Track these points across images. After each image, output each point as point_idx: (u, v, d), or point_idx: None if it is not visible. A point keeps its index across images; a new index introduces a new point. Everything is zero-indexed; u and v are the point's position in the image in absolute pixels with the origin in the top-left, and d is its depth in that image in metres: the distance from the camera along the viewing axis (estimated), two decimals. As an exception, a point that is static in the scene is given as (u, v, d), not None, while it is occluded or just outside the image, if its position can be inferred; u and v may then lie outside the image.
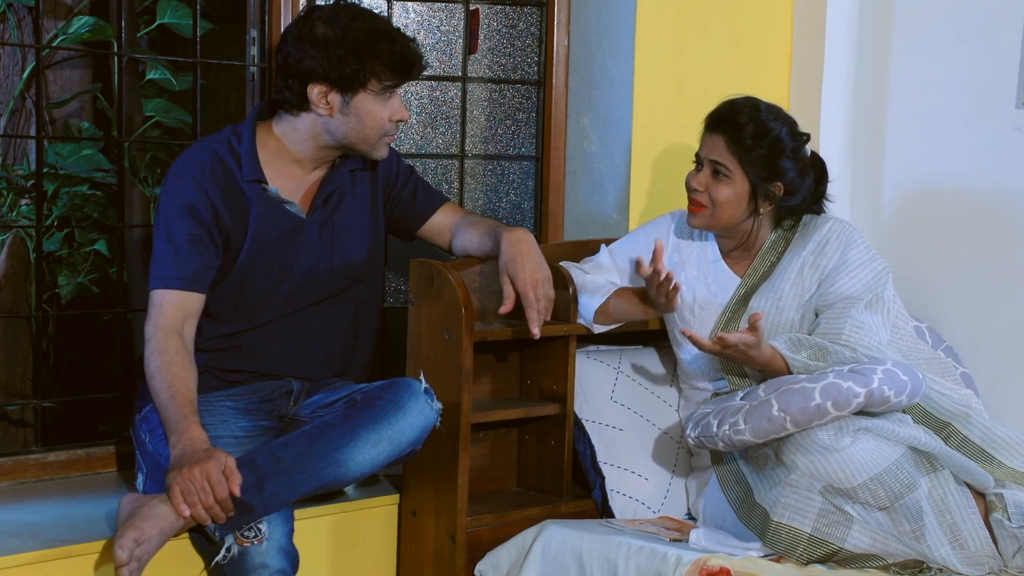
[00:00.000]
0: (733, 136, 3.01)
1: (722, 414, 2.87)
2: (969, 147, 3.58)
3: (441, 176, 3.71)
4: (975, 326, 3.53)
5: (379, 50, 2.89)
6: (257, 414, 2.97)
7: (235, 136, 2.99)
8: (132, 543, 2.52)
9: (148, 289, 2.88)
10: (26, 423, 3.91)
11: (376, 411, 2.81)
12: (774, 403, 2.77)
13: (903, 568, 2.75)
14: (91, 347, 4.14)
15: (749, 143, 3.00)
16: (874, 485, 2.72)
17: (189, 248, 2.87)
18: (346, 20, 2.89)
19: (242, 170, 2.95)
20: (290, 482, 2.70)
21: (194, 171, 2.91)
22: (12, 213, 4.01)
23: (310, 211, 3.01)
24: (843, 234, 3.09)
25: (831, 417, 2.74)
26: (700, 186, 3.05)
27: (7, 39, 3.97)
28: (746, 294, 3.11)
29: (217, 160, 2.94)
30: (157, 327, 2.82)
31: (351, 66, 2.87)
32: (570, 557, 2.92)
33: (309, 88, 2.89)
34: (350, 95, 2.90)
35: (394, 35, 2.93)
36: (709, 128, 3.07)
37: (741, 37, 3.81)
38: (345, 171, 3.06)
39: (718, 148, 3.03)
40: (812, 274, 3.07)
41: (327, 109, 2.91)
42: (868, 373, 2.79)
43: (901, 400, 2.82)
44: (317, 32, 2.88)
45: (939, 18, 3.64)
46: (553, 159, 3.74)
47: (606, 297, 3.11)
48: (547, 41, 3.72)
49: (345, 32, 2.88)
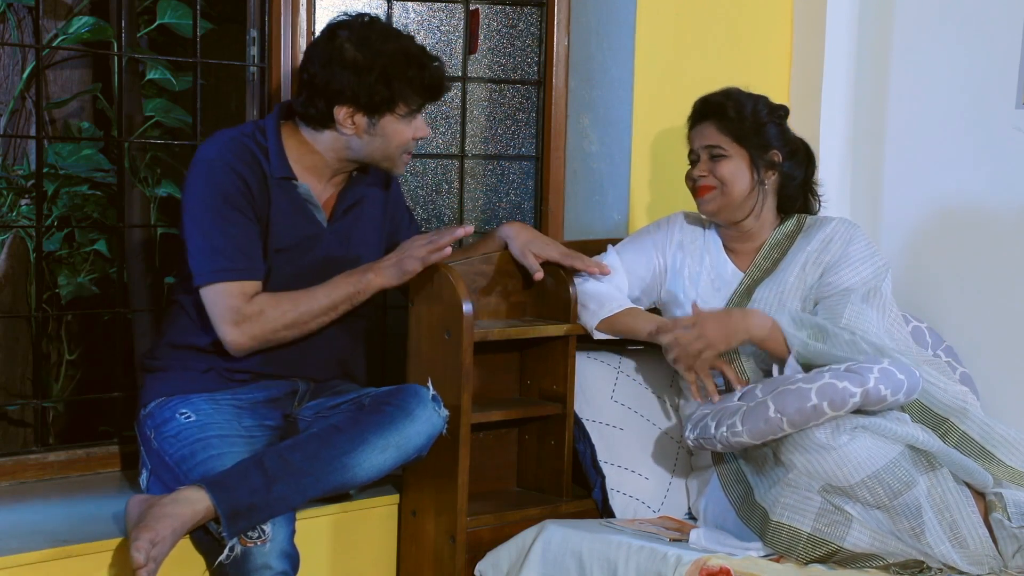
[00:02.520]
0: (718, 116, 3.12)
1: (720, 415, 2.87)
2: (969, 147, 3.58)
3: (441, 176, 3.71)
4: (975, 326, 3.54)
5: (409, 76, 2.89)
6: (262, 413, 2.96)
7: (259, 131, 2.97)
8: (148, 544, 2.53)
9: (201, 282, 2.85)
10: (26, 423, 3.91)
11: (384, 417, 2.81)
12: (770, 404, 2.77)
13: (903, 568, 2.75)
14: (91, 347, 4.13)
15: (734, 116, 3.11)
16: (872, 483, 2.72)
17: (244, 237, 2.86)
18: (377, 43, 2.88)
19: (270, 164, 2.93)
20: (297, 485, 2.70)
21: (231, 159, 2.89)
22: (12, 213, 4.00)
23: (331, 220, 3.01)
24: (847, 231, 3.15)
25: (828, 417, 2.74)
26: (703, 172, 3.13)
27: (7, 39, 3.97)
28: (749, 287, 3.13)
29: (248, 151, 2.92)
30: (240, 315, 2.82)
31: (381, 93, 2.87)
32: (570, 557, 2.92)
33: (336, 109, 2.89)
34: (377, 117, 2.90)
35: (423, 60, 2.92)
36: (694, 121, 3.19)
37: (741, 37, 3.81)
38: (364, 185, 3.07)
39: (708, 133, 3.14)
40: (815, 269, 3.10)
41: (353, 129, 2.91)
42: (864, 372, 2.79)
43: (898, 398, 2.82)
44: (347, 55, 2.86)
45: (939, 18, 3.65)
46: (553, 159, 3.74)
47: (614, 312, 3.14)
48: (547, 41, 3.72)
49: (376, 57, 2.86)
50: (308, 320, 2.89)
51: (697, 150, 3.15)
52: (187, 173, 2.92)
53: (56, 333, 4.07)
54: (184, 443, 2.81)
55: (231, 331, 2.84)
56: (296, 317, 2.87)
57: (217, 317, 2.85)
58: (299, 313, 2.87)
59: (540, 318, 3.22)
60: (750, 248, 3.20)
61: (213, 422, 2.85)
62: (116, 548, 2.71)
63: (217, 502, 2.62)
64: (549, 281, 3.18)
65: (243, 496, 2.63)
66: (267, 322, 2.85)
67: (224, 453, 2.77)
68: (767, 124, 3.13)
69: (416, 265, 2.91)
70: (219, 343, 2.91)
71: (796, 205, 3.22)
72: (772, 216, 3.20)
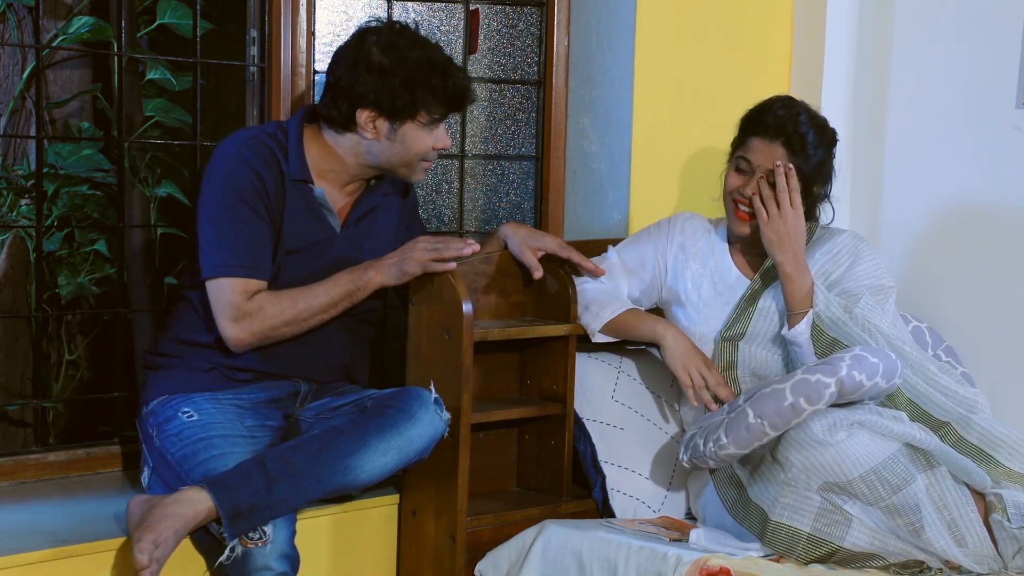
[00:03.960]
0: (795, 146, 3.01)
1: (706, 432, 2.87)
2: (969, 147, 3.58)
3: (441, 176, 3.71)
4: (975, 326, 3.54)
5: (433, 84, 2.89)
6: (264, 413, 2.97)
7: (281, 132, 2.98)
8: (151, 545, 2.53)
9: (208, 275, 2.85)
10: (26, 423, 3.91)
11: (386, 419, 2.82)
12: (749, 411, 2.77)
13: (903, 568, 2.75)
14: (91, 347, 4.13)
15: (811, 153, 3.02)
16: (871, 478, 2.71)
17: (255, 236, 2.86)
18: (403, 50, 2.89)
19: (289, 165, 2.94)
20: (299, 486, 2.70)
21: (251, 158, 2.90)
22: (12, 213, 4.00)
23: (344, 226, 3.01)
24: (855, 247, 3.13)
25: (808, 413, 2.73)
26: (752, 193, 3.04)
27: (7, 39, 3.97)
28: (754, 294, 3.12)
29: (268, 150, 2.93)
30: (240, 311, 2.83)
31: (404, 98, 2.88)
32: (570, 557, 2.92)
33: (358, 112, 2.90)
34: (399, 123, 2.91)
35: (448, 69, 2.93)
36: (761, 134, 3.04)
37: (741, 37, 3.81)
38: (380, 194, 3.07)
39: (777, 156, 3.01)
40: (819, 280, 3.07)
41: (374, 133, 2.92)
42: (835, 362, 2.78)
43: (877, 383, 2.79)
44: (373, 59, 2.88)
45: (939, 18, 3.64)
46: (553, 159, 3.74)
47: (616, 314, 3.13)
48: (547, 41, 3.72)
49: (401, 63, 2.87)
50: (308, 317, 2.90)
51: (756, 167, 3.04)
52: (206, 167, 2.94)
53: (56, 333, 4.07)
54: (186, 442, 2.81)
55: (231, 327, 2.85)
56: (295, 314, 2.88)
57: (218, 312, 2.86)
58: (298, 310, 2.88)
59: (540, 318, 3.22)
60: (758, 254, 3.17)
61: (215, 422, 2.85)
62: (117, 548, 2.71)
63: (219, 503, 2.62)
64: (551, 283, 3.18)
65: (245, 497, 2.64)
66: (266, 319, 2.86)
67: (226, 453, 2.77)
68: (828, 160, 3.08)
69: (416, 268, 2.91)
70: (224, 342, 2.91)
71: (809, 217, 3.19)
72: None
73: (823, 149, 3.07)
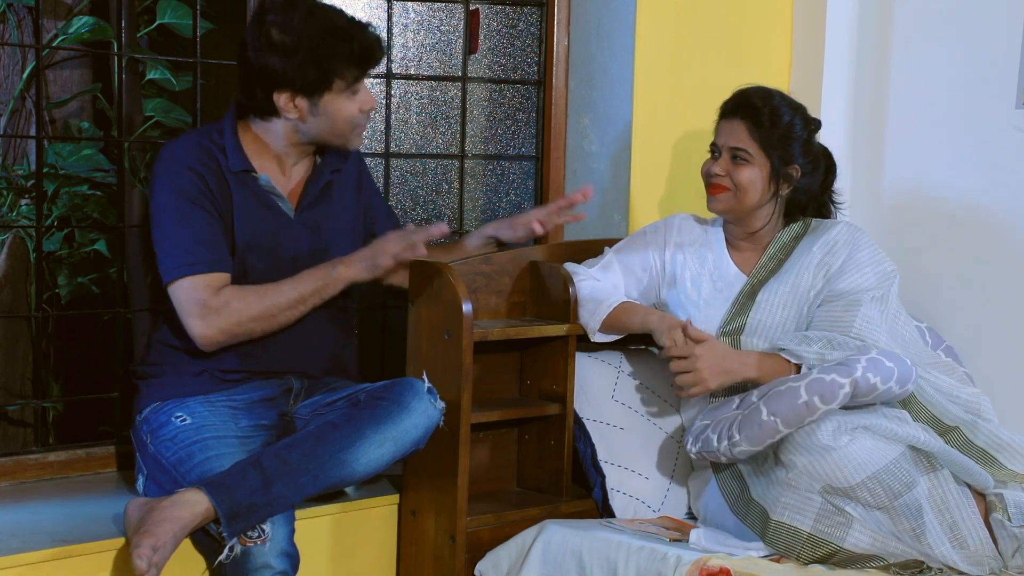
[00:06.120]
0: (753, 120, 3.06)
1: (720, 427, 2.87)
2: (969, 147, 3.58)
3: (441, 176, 3.71)
4: (975, 326, 3.53)
5: (338, 51, 2.86)
6: (258, 413, 2.96)
7: (216, 131, 2.98)
8: (150, 550, 2.53)
9: (169, 279, 2.85)
10: (26, 423, 3.91)
11: (380, 411, 2.81)
12: (763, 408, 2.77)
13: (903, 568, 2.75)
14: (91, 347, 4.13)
15: (768, 124, 3.05)
16: (873, 484, 2.72)
17: (207, 231, 2.86)
18: (299, 23, 2.84)
19: (228, 160, 2.93)
20: (296, 483, 2.70)
21: (187, 159, 2.90)
22: (12, 213, 4.00)
23: (298, 210, 3.00)
24: (852, 236, 3.13)
25: (821, 412, 2.73)
26: (721, 171, 3.09)
27: (7, 39, 3.97)
28: (753, 288, 3.12)
29: (204, 150, 2.93)
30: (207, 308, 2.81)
31: (313, 73, 2.85)
32: (570, 557, 2.92)
33: (275, 96, 2.88)
34: (317, 97, 2.89)
35: (350, 31, 2.88)
36: (726, 115, 3.12)
37: (741, 37, 3.81)
38: (328, 171, 3.06)
39: (737, 134, 3.08)
40: (819, 272, 3.08)
41: (297, 113, 2.91)
42: (851, 364, 2.79)
43: (891, 387, 2.81)
44: (274, 40, 2.84)
45: (939, 18, 3.64)
46: (553, 159, 3.74)
47: (611, 309, 3.13)
48: (547, 41, 3.72)
49: (300, 37, 2.84)
50: (276, 313, 2.88)
51: (721, 146, 3.11)
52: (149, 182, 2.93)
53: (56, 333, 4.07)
54: (181, 445, 2.81)
55: (198, 324, 2.84)
56: (262, 310, 2.86)
57: (184, 312, 2.85)
58: (265, 306, 2.87)
59: (540, 318, 3.22)
60: (755, 249, 3.19)
61: (209, 424, 2.85)
62: (116, 548, 2.71)
63: (217, 503, 2.62)
64: (551, 283, 3.17)
65: (242, 496, 2.63)
66: (232, 314, 2.84)
67: (221, 454, 2.77)
68: (797, 139, 3.09)
69: (388, 261, 2.91)
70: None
71: (805, 212, 3.20)
72: (780, 220, 3.18)
73: (789, 123, 3.07)
